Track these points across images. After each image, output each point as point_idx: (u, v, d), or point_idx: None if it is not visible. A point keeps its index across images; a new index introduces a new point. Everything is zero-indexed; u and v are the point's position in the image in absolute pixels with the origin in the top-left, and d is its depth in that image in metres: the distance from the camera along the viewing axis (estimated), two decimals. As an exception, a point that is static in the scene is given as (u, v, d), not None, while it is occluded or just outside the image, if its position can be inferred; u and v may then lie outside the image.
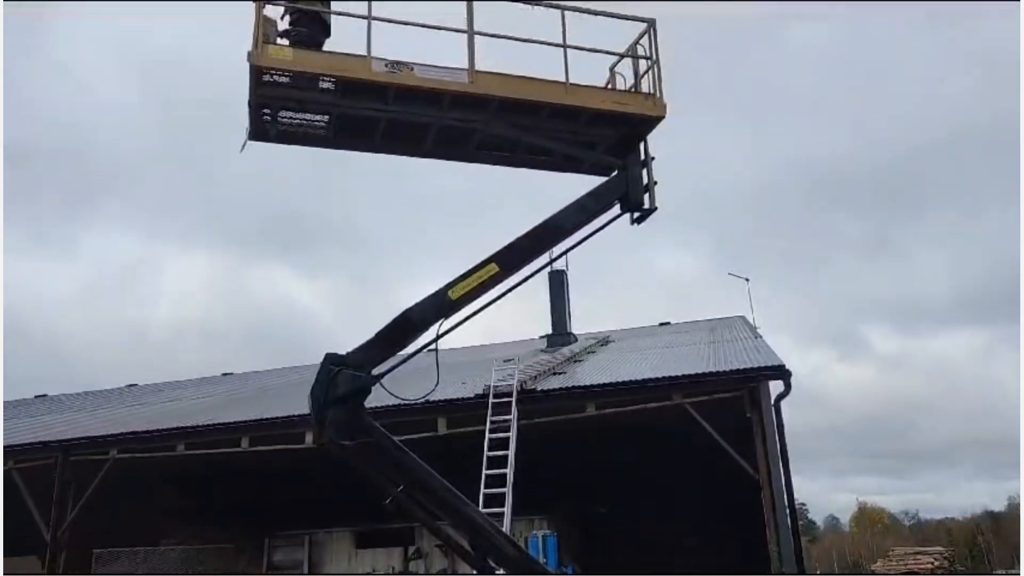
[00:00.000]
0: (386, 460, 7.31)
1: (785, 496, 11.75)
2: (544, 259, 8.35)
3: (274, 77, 7.00)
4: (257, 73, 6.87)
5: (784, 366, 11.78)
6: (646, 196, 7.97)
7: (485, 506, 11.08)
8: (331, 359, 7.27)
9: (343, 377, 6.99)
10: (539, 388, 13.00)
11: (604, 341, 20.18)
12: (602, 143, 8.18)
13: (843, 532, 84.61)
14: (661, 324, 23.41)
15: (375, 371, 7.37)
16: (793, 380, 11.75)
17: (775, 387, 11.99)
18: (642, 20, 8.18)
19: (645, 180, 8.02)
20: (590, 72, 8.43)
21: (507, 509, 11.10)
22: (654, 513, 16.86)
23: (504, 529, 10.94)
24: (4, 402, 24.85)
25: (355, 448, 7.11)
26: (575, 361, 16.51)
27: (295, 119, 7.54)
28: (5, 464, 14.75)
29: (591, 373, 14.51)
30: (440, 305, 7.40)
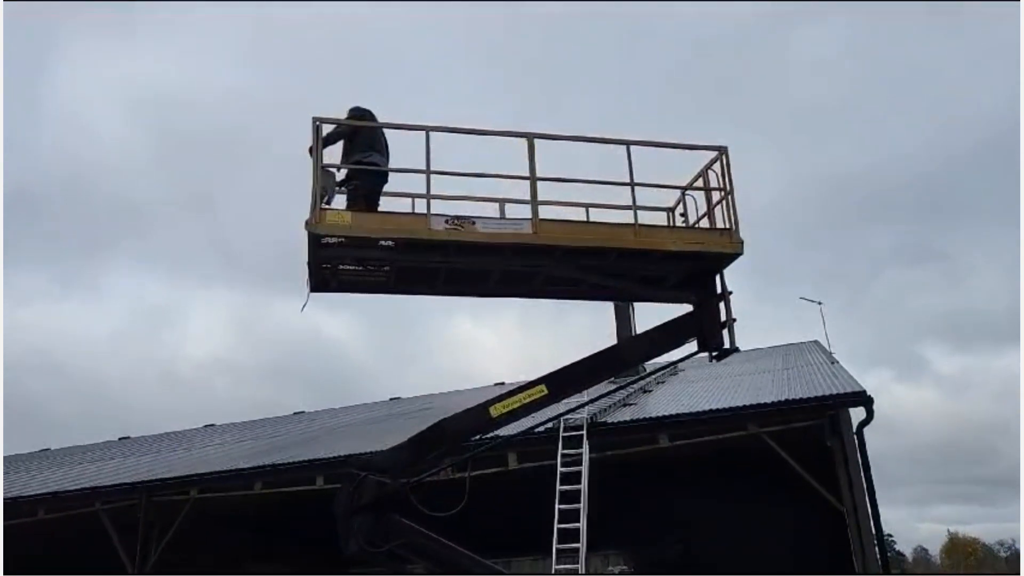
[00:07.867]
0: (424, 557, 6.96)
1: (872, 528, 11.29)
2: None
3: (334, 239, 6.86)
4: (316, 238, 6.78)
5: (865, 392, 11.32)
6: (724, 332, 7.44)
7: (560, 541, 10.93)
8: (356, 463, 7.04)
9: (368, 484, 6.74)
10: (610, 420, 12.82)
11: (674, 370, 19.79)
12: (672, 277, 7.76)
13: (934, 564, 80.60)
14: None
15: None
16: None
17: (856, 414, 11.59)
18: (713, 148, 7.73)
19: (723, 316, 7.51)
20: (658, 195, 8.07)
21: (582, 544, 10.90)
22: (733, 547, 16.34)
23: (580, 565, 10.74)
24: (89, 444, 25.86)
25: (388, 552, 6.78)
26: (645, 391, 16.25)
27: (355, 269, 7.44)
28: (93, 505, 15.26)
29: (662, 404, 14.24)
30: (479, 421, 7.15)
